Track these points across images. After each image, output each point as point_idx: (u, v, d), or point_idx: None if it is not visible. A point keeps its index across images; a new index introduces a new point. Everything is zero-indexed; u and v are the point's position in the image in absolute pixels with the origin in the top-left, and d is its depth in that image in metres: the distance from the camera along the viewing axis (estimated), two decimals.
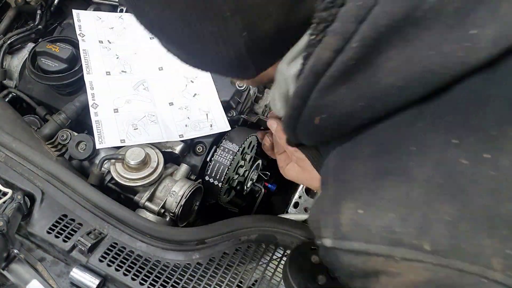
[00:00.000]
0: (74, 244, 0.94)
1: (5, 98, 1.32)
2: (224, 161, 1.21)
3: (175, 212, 1.11)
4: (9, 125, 1.15)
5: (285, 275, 0.76)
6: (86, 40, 1.36)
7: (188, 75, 1.36)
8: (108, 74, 1.31)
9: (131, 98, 1.27)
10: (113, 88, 1.27)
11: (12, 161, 1.03)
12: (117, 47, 1.39)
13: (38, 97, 1.33)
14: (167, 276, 0.92)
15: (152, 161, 1.13)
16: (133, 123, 1.21)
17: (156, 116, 1.25)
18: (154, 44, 1.40)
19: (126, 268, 0.92)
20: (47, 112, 1.32)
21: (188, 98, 1.31)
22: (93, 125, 1.18)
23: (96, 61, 1.32)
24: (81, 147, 1.16)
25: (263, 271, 0.92)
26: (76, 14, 1.42)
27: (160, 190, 1.13)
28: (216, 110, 1.29)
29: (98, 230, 0.97)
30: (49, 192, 1.01)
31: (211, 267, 0.93)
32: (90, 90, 1.24)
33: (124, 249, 0.95)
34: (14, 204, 0.94)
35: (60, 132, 1.21)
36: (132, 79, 1.32)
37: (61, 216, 0.98)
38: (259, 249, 0.95)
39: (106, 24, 1.43)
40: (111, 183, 1.14)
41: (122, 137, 1.18)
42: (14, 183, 1.01)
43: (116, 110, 1.24)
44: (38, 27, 1.43)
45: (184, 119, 1.26)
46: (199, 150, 1.25)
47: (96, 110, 1.22)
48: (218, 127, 1.25)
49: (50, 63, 1.25)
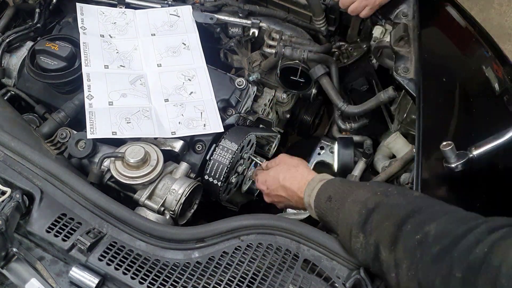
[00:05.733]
0: (73, 243, 0.94)
1: (3, 97, 1.31)
2: (223, 160, 1.21)
3: (174, 210, 1.10)
4: (8, 124, 1.14)
5: None
6: (88, 34, 1.36)
7: (186, 73, 1.36)
8: (106, 68, 1.31)
9: (127, 92, 1.28)
10: (110, 82, 1.28)
11: (11, 160, 1.03)
12: (118, 42, 1.39)
13: (37, 96, 1.32)
14: (166, 275, 0.92)
15: (151, 159, 1.13)
16: (126, 117, 1.22)
17: (150, 111, 1.25)
18: (155, 41, 1.41)
19: (125, 267, 0.92)
20: (46, 111, 1.32)
21: (184, 96, 1.31)
22: (86, 115, 1.19)
23: (96, 54, 1.32)
24: (81, 145, 1.16)
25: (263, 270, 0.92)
26: (79, 8, 1.42)
27: (160, 188, 1.13)
28: (211, 110, 1.29)
29: (97, 229, 0.97)
30: (48, 191, 1.00)
31: (210, 266, 0.93)
32: (86, 82, 1.25)
33: (124, 248, 0.95)
34: (13, 203, 0.94)
35: (59, 131, 1.21)
36: (130, 74, 1.33)
37: (60, 215, 0.98)
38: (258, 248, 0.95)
39: (108, 19, 1.44)
40: (111, 181, 1.14)
41: (114, 130, 1.18)
42: (13, 182, 1.00)
43: (111, 103, 1.24)
44: (37, 25, 1.43)
45: (178, 116, 1.26)
46: (198, 149, 1.25)
47: (90, 101, 1.23)
48: (211, 128, 1.26)
49: (49, 61, 1.24)
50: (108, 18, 1.44)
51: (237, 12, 1.47)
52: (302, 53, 1.34)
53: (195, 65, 1.38)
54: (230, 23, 1.48)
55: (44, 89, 1.31)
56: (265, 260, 0.93)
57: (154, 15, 1.47)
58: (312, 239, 0.94)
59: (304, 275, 0.91)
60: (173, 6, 1.50)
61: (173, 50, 1.40)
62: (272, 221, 0.97)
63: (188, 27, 1.46)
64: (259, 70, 1.48)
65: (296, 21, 1.49)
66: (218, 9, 1.49)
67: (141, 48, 1.40)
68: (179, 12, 1.48)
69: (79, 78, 1.26)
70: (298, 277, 0.91)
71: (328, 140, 1.44)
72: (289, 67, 1.39)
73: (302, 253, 0.94)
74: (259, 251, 0.94)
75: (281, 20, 1.49)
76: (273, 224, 0.97)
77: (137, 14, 1.47)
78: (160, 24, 1.45)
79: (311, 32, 1.50)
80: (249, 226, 0.97)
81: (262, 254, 0.94)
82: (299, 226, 0.96)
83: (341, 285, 0.89)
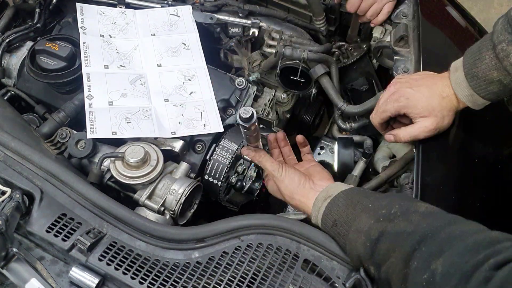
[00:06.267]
0: (73, 243, 0.94)
1: (3, 97, 1.31)
2: (223, 160, 1.21)
3: (174, 210, 1.10)
4: (8, 124, 1.14)
5: None
6: (88, 34, 1.36)
7: (186, 73, 1.36)
8: (106, 68, 1.31)
9: (127, 92, 1.28)
10: (109, 81, 1.28)
11: (11, 160, 1.03)
12: (118, 42, 1.39)
13: (37, 96, 1.32)
14: (166, 275, 0.92)
15: (151, 159, 1.13)
16: (126, 117, 1.22)
17: (150, 111, 1.25)
18: (155, 40, 1.41)
19: (125, 267, 0.92)
20: (46, 111, 1.32)
21: (184, 96, 1.31)
22: (86, 115, 1.19)
23: (96, 54, 1.32)
24: (81, 145, 1.16)
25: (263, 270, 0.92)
26: (79, 8, 1.42)
27: (160, 188, 1.13)
28: (211, 110, 1.29)
29: (97, 229, 0.97)
30: (48, 191, 1.00)
31: (210, 266, 0.93)
32: (86, 82, 1.25)
33: (124, 248, 0.95)
34: (13, 203, 0.94)
35: (59, 131, 1.21)
36: (130, 74, 1.33)
37: (60, 215, 0.98)
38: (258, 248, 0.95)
39: (108, 19, 1.44)
40: (111, 181, 1.14)
41: (114, 129, 1.18)
42: (13, 182, 1.00)
43: (111, 103, 1.24)
44: (37, 25, 1.43)
45: (178, 116, 1.27)
46: (198, 148, 1.26)
47: (90, 101, 1.23)
48: (211, 128, 1.26)
49: (49, 61, 1.24)
50: (108, 18, 1.44)
51: (237, 12, 1.47)
52: (302, 53, 1.34)
53: (195, 65, 1.38)
54: (230, 23, 1.48)
55: (44, 89, 1.31)
56: (265, 260, 0.93)
57: (154, 15, 1.47)
58: (312, 239, 0.94)
59: (304, 275, 0.91)
60: (173, 6, 1.50)
61: (173, 50, 1.41)
62: (272, 221, 0.97)
63: (188, 27, 1.46)
64: (259, 70, 1.48)
65: (296, 21, 1.49)
66: (218, 9, 1.49)
67: (141, 48, 1.40)
68: (179, 12, 1.48)
69: (79, 78, 1.27)
70: (298, 277, 0.91)
71: (328, 140, 1.44)
72: (289, 67, 1.39)
73: (302, 253, 0.94)
74: (259, 251, 0.94)
75: (281, 20, 1.49)
76: (273, 224, 0.97)
77: (137, 14, 1.47)
78: (160, 24, 1.46)
79: (311, 32, 1.50)
80: (249, 226, 0.97)
81: (262, 254, 0.94)
82: (299, 226, 0.96)
83: (341, 285, 0.89)
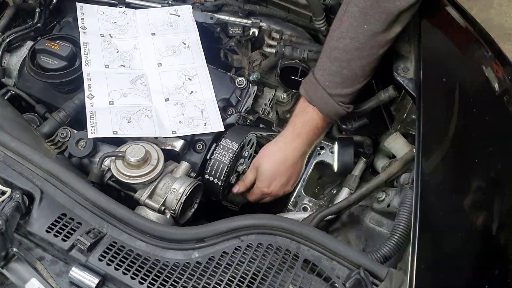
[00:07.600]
0: (73, 243, 0.94)
1: (4, 96, 1.31)
2: (223, 160, 1.21)
3: (175, 209, 1.11)
4: (9, 123, 1.14)
5: None
6: (88, 33, 1.37)
7: (186, 72, 1.36)
8: (107, 67, 1.31)
9: (128, 91, 1.28)
10: (110, 81, 1.28)
11: (11, 160, 1.03)
12: (118, 41, 1.39)
13: (37, 95, 1.32)
14: (166, 275, 0.92)
15: (152, 159, 1.13)
16: (127, 116, 1.22)
17: (151, 111, 1.26)
18: (155, 40, 1.42)
19: (125, 267, 0.92)
20: (46, 110, 1.32)
21: (185, 95, 1.32)
22: (86, 115, 1.20)
23: (96, 54, 1.32)
24: (81, 144, 1.16)
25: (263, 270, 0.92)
26: (79, 7, 1.43)
27: (160, 187, 1.13)
28: (211, 109, 1.29)
29: (97, 229, 0.96)
30: (48, 191, 1.00)
31: (210, 266, 0.93)
32: (87, 81, 1.26)
33: (124, 248, 0.95)
34: (13, 203, 0.94)
35: (60, 130, 1.21)
36: (131, 73, 1.33)
37: (60, 215, 0.98)
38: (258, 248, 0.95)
39: (109, 18, 1.44)
40: (111, 181, 1.14)
41: (114, 129, 1.19)
42: (13, 182, 1.00)
43: (111, 102, 1.25)
44: (37, 25, 1.43)
45: (178, 116, 1.27)
46: (199, 148, 1.26)
47: (91, 101, 1.23)
48: (212, 127, 1.26)
49: (49, 61, 1.25)
50: (108, 18, 1.44)
51: (237, 11, 1.47)
52: (302, 53, 1.34)
53: (196, 64, 1.38)
54: (230, 22, 1.48)
55: (44, 89, 1.31)
56: (265, 260, 0.93)
57: (154, 15, 1.47)
58: (312, 239, 0.94)
59: (304, 275, 0.91)
60: (173, 6, 1.50)
61: (173, 50, 1.41)
62: (272, 221, 0.97)
63: (188, 26, 1.46)
64: (259, 69, 1.49)
65: (296, 21, 1.49)
66: (218, 8, 1.49)
67: (141, 47, 1.40)
68: (179, 12, 1.48)
69: (80, 78, 1.27)
70: (298, 277, 0.91)
71: (328, 140, 1.44)
72: (289, 67, 1.39)
73: (302, 253, 0.94)
74: (259, 251, 0.94)
75: (281, 20, 1.49)
76: (273, 224, 0.97)
77: (137, 14, 1.47)
78: (160, 24, 1.46)
79: (311, 32, 1.50)
80: (249, 226, 0.97)
81: (262, 254, 0.94)
82: (299, 226, 0.96)
83: (341, 285, 0.89)
